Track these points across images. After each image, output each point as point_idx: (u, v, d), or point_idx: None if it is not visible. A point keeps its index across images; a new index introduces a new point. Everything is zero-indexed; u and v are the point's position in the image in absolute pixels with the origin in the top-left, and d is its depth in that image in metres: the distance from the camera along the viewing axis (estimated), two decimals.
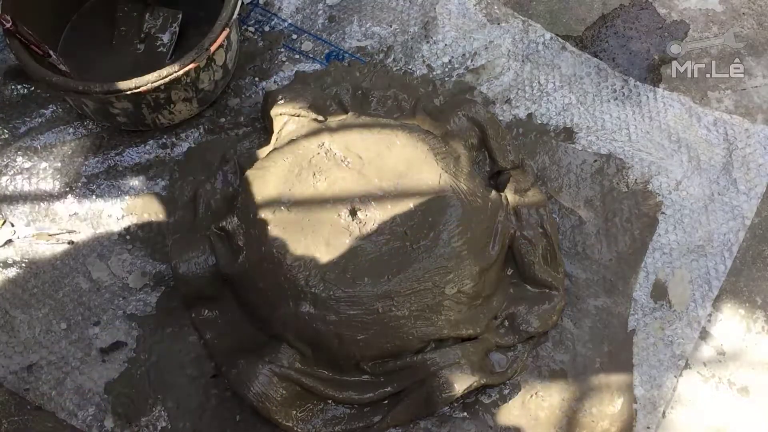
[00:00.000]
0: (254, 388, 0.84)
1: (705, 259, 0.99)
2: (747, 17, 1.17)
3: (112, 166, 1.04)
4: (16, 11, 0.96)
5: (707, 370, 0.93)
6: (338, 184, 0.90)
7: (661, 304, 0.96)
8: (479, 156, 1.01)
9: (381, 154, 0.92)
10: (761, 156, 1.05)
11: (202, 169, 1.04)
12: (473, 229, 0.88)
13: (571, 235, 1.00)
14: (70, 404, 0.90)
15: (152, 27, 1.11)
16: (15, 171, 1.04)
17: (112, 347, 0.94)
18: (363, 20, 1.17)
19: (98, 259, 0.98)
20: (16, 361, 0.93)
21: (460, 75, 1.12)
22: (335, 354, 0.86)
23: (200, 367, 0.92)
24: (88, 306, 0.96)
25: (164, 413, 0.90)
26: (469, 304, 0.89)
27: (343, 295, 0.83)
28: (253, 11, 1.18)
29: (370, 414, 0.88)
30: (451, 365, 0.85)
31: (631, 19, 1.18)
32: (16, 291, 0.97)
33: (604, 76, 1.12)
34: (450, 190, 0.89)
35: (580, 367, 0.93)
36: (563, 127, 1.08)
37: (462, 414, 0.90)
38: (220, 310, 0.93)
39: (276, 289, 0.86)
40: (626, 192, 1.03)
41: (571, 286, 0.97)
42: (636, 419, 0.90)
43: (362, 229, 0.87)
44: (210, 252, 0.91)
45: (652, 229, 1.01)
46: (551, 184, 1.04)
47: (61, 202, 1.02)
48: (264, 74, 1.12)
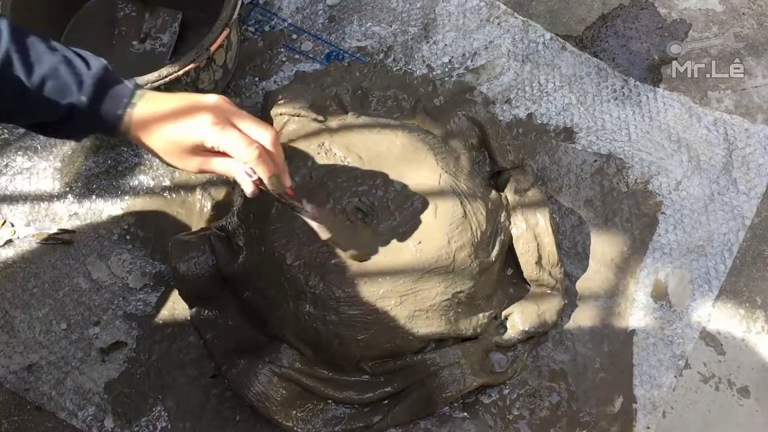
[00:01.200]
0: (254, 388, 0.84)
1: (705, 259, 0.99)
2: (747, 17, 1.17)
3: (112, 166, 1.04)
4: (17, 11, 0.96)
5: (707, 370, 0.93)
6: (338, 185, 0.90)
7: (661, 304, 0.96)
8: (479, 156, 1.01)
9: (381, 154, 0.92)
10: (761, 156, 1.05)
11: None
12: (473, 229, 0.88)
13: (571, 235, 1.01)
14: (70, 404, 0.91)
15: (152, 27, 1.11)
16: (15, 171, 1.04)
17: (112, 347, 0.94)
18: (363, 20, 1.17)
19: (98, 259, 0.99)
20: (16, 361, 0.93)
21: (460, 75, 1.12)
22: (335, 354, 0.86)
23: (200, 367, 0.92)
24: (88, 306, 0.96)
25: (164, 413, 0.90)
26: (469, 304, 0.90)
27: (343, 295, 0.83)
28: (253, 11, 1.18)
29: (370, 414, 0.88)
30: (451, 365, 0.86)
31: (631, 19, 1.18)
32: (16, 291, 0.97)
33: (604, 76, 1.12)
34: (450, 190, 0.89)
35: (580, 367, 0.93)
36: (563, 127, 1.08)
37: (462, 414, 0.90)
38: (220, 310, 0.93)
39: (276, 289, 0.86)
40: (626, 192, 1.03)
41: (571, 286, 0.97)
42: (636, 419, 0.90)
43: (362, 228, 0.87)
44: (210, 252, 0.91)
45: (652, 229, 1.01)
46: (551, 184, 1.04)
47: (61, 202, 1.02)
48: (264, 74, 1.12)
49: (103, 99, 0.65)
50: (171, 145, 0.66)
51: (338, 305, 0.83)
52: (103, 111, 0.65)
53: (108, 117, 0.65)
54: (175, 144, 0.66)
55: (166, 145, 0.66)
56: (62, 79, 0.63)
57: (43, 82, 0.63)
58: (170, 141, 0.66)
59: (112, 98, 0.65)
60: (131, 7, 1.12)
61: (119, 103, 0.65)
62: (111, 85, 0.66)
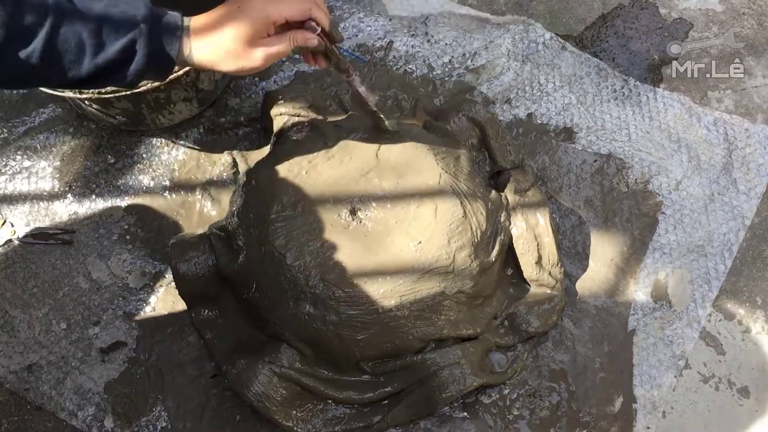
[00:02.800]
0: (254, 388, 0.84)
1: (705, 259, 0.99)
2: (747, 17, 1.17)
3: (112, 166, 1.04)
4: None
5: (707, 370, 0.93)
6: (338, 185, 0.90)
7: (661, 304, 0.96)
8: (479, 156, 1.01)
9: (381, 154, 0.92)
10: (761, 156, 1.05)
11: (203, 170, 1.04)
12: (473, 229, 0.88)
13: (571, 235, 1.01)
14: (70, 404, 0.91)
15: None
16: (14, 170, 1.04)
17: (112, 347, 0.94)
18: (363, 19, 1.16)
19: (98, 259, 0.99)
20: (16, 361, 0.93)
21: (460, 75, 1.12)
22: (335, 354, 0.86)
23: (200, 367, 0.92)
24: (88, 306, 0.96)
25: (164, 413, 0.90)
26: (469, 304, 0.90)
27: (343, 295, 0.83)
28: None
29: (370, 414, 0.88)
30: (451, 365, 0.86)
31: (631, 19, 1.18)
32: (16, 291, 0.97)
33: (604, 76, 1.12)
34: (450, 190, 0.89)
35: (580, 367, 0.93)
36: (563, 127, 1.08)
37: (462, 414, 0.90)
38: (220, 310, 0.93)
39: (276, 289, 0.86)
40: (626, 192, 1.03)
41: (571, 286, 0.97)
42: (636, 419, 0.90)
43: (362, 228, 0.87)
44: (210, 252, 0.91)
45: (652, 229, 1.01)
46: (551, 184, 1.04)
47: (61, 201, 1.02)
48: (264, 74, 1.12)
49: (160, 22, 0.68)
50: (235, 46, 0.69)
51: (338, 305, 0.83)
52: (164, 21, 0.68)
53: (170, 27, 0.68)
54: (237, 41, 0.69)
55: (231, 49, 0.69)
56: (116, 18, 0.66)
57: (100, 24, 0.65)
58: (234, 41, 0.69)
59: (168, 25, 0.69)
60: None
61: (176, 25, 0.69)
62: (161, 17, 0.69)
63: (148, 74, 0.70)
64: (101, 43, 0.65)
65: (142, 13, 0.66)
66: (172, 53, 0.68)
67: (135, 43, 0.66)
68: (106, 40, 0.65)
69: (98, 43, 0.65)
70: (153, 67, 0.69)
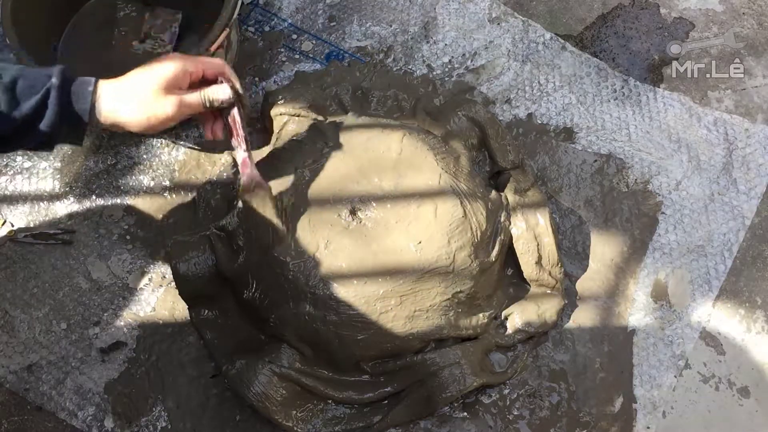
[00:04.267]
0: (254, 388, 0.84)
1: (705, 259, 0.99)
2: (747, 17, 1.17)
3: (112, 166, 1.04)
4: (16, 11, 0.96)
5: (707, 370, 0.93)
6: (338, 184, 0.90)
7: (661, 304, 0.96)
8: (479, 156, 1.01)
9: (381, 154, 0.92)
10: (761, 156, 1.05)
11: (203, 170, 1.04)
12: (473, 229, 0.88)
13: (571, 235, 1.01)
14: (70, 404, 0.91)
15: (152, 27, 1.11)
16: (14, 171, 1.04)
17: (112, 347, 0.94)
18: (363, 20, 1.17)
19: (98, 259, 0.99)
20: (16, 361, 0.93)
21: (460, 75, 1.12)
22: (335, 354, 0.86)
23: (200, 367, 0.92)
24: (88, 306, 0.96)
25: (164, 413, 0.90)
26: (469, 304, 0.90)
27: (343, 294, 0.83)
28: (253, 11, 1.18)
29: (370, 414, 0.88)
30: (451, 365, 0.86)
31: (631, 19, 1.18)
32: (16, 291, 0.97)
33: (604, 76, 1.12)
34: (450, 190, 0.89)
35: (580, 367, 0.93)
36: (563, 127, 1.08)
37: (462, 414, 0.90)
38: (220, 310, 0.94)
39: (276, 289, 0.86)
40: (626, 192, 1.03)
41: (571, 286, 0.97)
42: (636, 419, 0.90)
43: (362, 228, 0.87)
44: (210, 252, 0.91)
45: (652, 229, 1.01)
46: (551, 184, 1.04)
47: (61, 202, 1.02)
48: (264, 74, 1.12)
49: (71, 81, 0.70)
50: (147, 93, 0.71)
51: (338, 305, 0.83)
52: (74, 89, 0.70)
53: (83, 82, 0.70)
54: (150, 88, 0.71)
55: (143, 97, 0.71)
56: (31, 75, 0.69)
57: (15, 81, 0.68)
58: (146, 89, 0.71)
59: (80, 82, 0.71)
60: (131, 7, 1.12)
61: (88, 81, 0.71)
62: (73, 78, 0.71)
63: (62, 131, 0.72)
64: (15, 100, 0.68)
65: (55, 71, 0.69)
66: (84, 107, 0.70)
67: (47, 98, 0.68)
68: (20, 97, 0.68)
69: (12, 99, 0.68)
70: (66, 121, 0.71)
